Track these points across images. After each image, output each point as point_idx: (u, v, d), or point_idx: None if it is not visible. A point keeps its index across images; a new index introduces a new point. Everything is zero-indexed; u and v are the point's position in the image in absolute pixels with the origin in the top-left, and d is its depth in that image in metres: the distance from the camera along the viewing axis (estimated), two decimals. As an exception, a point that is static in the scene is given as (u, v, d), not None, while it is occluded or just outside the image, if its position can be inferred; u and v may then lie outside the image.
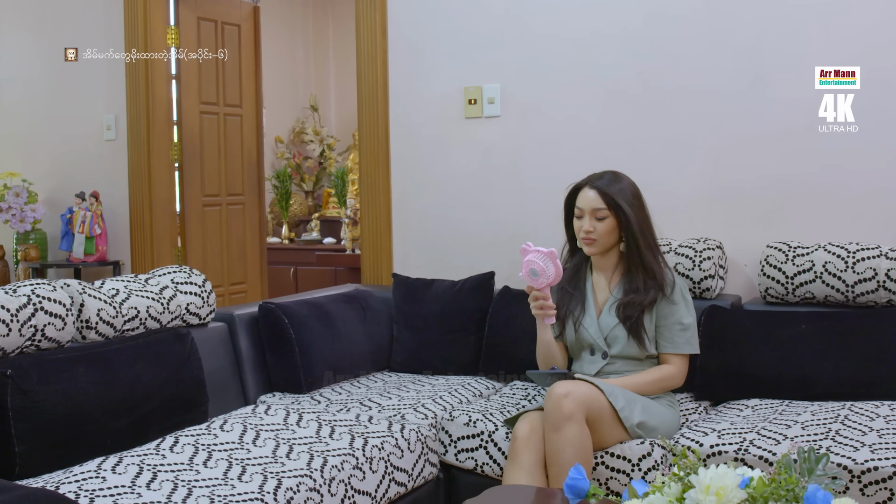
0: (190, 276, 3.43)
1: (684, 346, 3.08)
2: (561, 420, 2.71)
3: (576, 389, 2.78)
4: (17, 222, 5.53)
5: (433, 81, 4.40)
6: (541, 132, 4.15)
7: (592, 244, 3.08)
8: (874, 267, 3.32)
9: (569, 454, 2.68)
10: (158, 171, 5.47)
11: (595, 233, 3.06)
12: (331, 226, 7.72)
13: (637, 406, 2.90)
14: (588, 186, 3.09)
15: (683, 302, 3.09)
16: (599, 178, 3.10)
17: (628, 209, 3.04)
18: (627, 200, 3.05)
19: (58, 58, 5.61)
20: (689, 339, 3.09)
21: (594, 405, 2.80)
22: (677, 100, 3.86)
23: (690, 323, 3.09)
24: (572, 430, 2.71)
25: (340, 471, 2.66)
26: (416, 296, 3.96)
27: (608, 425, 2.84)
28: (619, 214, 3.04)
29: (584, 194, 3.09)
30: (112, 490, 2.35)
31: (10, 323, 2.69)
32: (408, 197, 4.51)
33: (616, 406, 2.83)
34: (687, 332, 3.09)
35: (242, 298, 6.11)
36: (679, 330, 3.07)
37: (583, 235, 3.09)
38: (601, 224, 3.05)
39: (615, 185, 3.07)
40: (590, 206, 3.07)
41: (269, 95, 7.44)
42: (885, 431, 2.81)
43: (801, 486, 1.65)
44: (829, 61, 3.58)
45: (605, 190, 3.05)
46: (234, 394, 3.51)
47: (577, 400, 2.75)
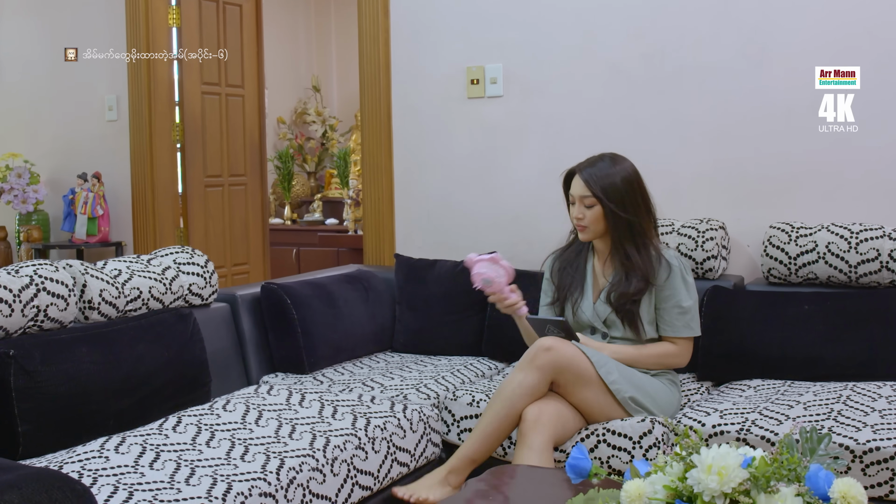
0: (192, 257, 3.43)
1: (683, 329, 3.06)
2: (529, 367, 2.85)
3: (559, 349, 2.85)
4: (20, 203, 5.53)
5: (435, 61, 4.38)
6: (543, 112, 4.14)
7: (584, 230, 3.08)
8: (877, 247, 3.31)
9: (517, 395, 2.83)
10: (160, 151, 5.46)
11: (585, 220, 3.05)
12: (333, 207, 7.71)
13: (631, 381, 2.93)
14: (578, 173, 3.07)
15: (684, 285, 3.06)
16: (591, 164, 3.06)
17: (613, 201, 2.99)
18: (616, 190, 3.00)
19: (59, 39, 5.60)
20: (689, 322, 3.07)
21: (574, 369, 2.85)
22: (680, 79, 3.85)
23: (690, 306, 3.07)
24: (531, 378, 2.84)
25: (343, 451, 2.66)
26: (419, 276, 3.96)
27: (594, 392, 2.88)
28: (604, 205, 3.01)
29: (575, 181, 3.08)
30: (115, 470, 2.36)
31: (13, 303, 2.69)
32: (410, 177, 4.50)
33: (607, 379, 2.87)
34: (686, 316, 3.06)
35: (245, 279, 6.12)
36: (678, 314, 3.06)
37: (575, 222, 3.10)
38: (590, 211, 3.03)
39: (607, 171, 3.02)
40: (578, 193, 3.05)
41: (271, 76, 7.42)
42: (887, 412, 2.81)
43: (802, 466, 1.65)
44: (830, 56, 3.58)
45: (593, 179, 3.02)
46: (236, 374, 3.52)
47: (553, 359, 2.84)
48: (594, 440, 2.88)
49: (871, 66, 3.55)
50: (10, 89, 5.92)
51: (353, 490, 2.66)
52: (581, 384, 2.87)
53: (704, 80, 3.80)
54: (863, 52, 3.55)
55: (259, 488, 2.34)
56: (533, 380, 2.84)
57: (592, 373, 2.86)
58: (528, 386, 2.83)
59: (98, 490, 2.21)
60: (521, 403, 2.83)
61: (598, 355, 2.91)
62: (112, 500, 2.16)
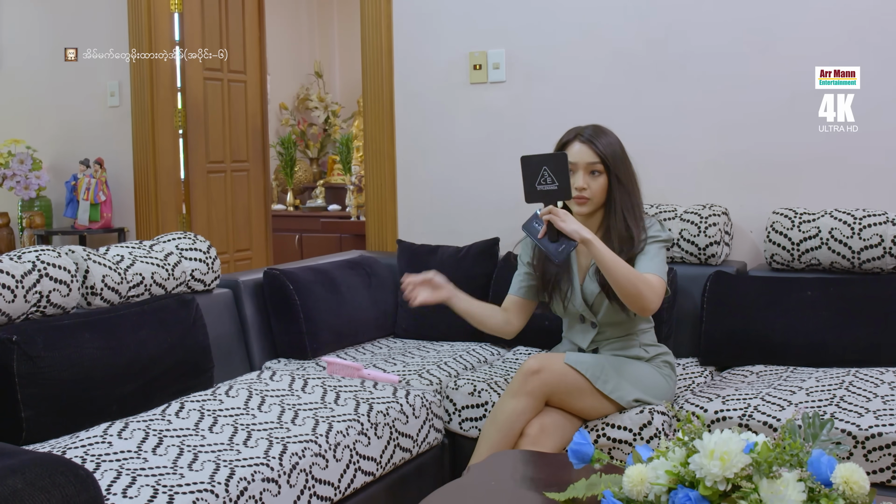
0: (194, 243, 3.43)
1: (647, 267, 2.81)
2: (520, 394, 2.78)
3: (548, 369, 2.79)
4: (22, 189, 5.53)
5: (438, 47, 4.37)
6: (546, 97, 4.13)
7: (585, 203, 2.89)
8: (881, 233, 3.31)
9: (512, 420, 2.76)
10: (162, 137, 5.46)
11: (588, 190, 2.86)
12: (335, 193, 7.71)
13: (629, 378, 2.87)
14: (579, 140, 2.89)
15: (647, 255, 2.85)
16: (587, 129, 2.91)
17: (618, 169, 2.88)
18: (618, 155, 2.89)
19: (61, 27, 5.59)
20: (657, 263, 2.83)
21: (565, 386, 2.80)
22: (684, 65, 3.84)
23: (652, 249, 2.84)
24: (523, 404, 2.77)
25: (346, 436, 2.67)
26: (421, 262, 3.95)
27: (591, 400, 2.83)
28: (609, 173, 2.87)
29: (576, 147, 2.89)
30: (118, 455, 2.37)
31: (16, 289, 2.69)
32: (413, 163, 4.49)
33: (604, 389, 2.81)
34: (654, 260, 2.83)
35: (247, 265, 6.12)
36: (643, 258, 2.84)
37: (575, 194, 2.85)
38: (596, 182, 2.88)
39: (604, 138, 2.90)
40: (584, 159, 2.86)
41: (274, 62, 7.41)
42: (890, 398, 2.81)
43: (805, 452, 1.65)
44: (833, 44, 3.56)
45: (600, 144, 2.87)
46: (239, 360, 3.52)
47: (544, 382, 2.78)
48: (594, 435, 2.87)
49: (871, 66, 3.53)
50: (13, 75, 5.90)
51: (355, 475, 2.67)
52: (576, 396, 2.82)
53: (709, 65, 3.79)
54: (865, 45, 3.54)
55: (262, 474, 2.34)
56: (525, 405, 2.77)
57: (586, 384, 2.81)
58: (521, 411, 2.77)
59: (101, 475, 2.21)
60: (517, 428, 2.77)
61: (591, 367, 2.82)
62: (115, 486, 2.16)
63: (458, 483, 2.19)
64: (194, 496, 2.17)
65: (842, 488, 1.57)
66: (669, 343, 3.32)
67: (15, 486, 1.73)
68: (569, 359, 2.84)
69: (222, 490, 2.23)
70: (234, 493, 2.25)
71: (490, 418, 2.83)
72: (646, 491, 1.71)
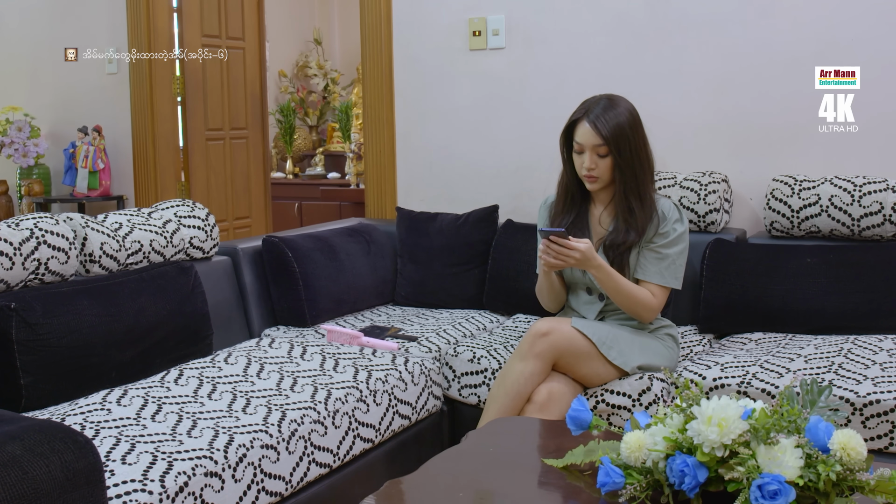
0: (193, 210, 3.42)
1: (655, 275, 2.92)
2: (529, 355, 2.79)
3: (556, 332, 2.80)
4: (20, 157, 5.51)
5: (437, 12, 4.34)
6: (546, 63, 4.10)
7: (594, 181, 2.93)
8: (880, 201, 3.30)
9: (521, 384, 2.78)
10: (161, 104, 5.43)
11: (597, 170, 2.90)
12: (335, 160, 7.68)
13: (634, 349, 2.89)
14: (586, 120, 2.89)
15: (666, 235, 2.93)
16: (597, 106, 2.91)
17: (623, 151, 2.87)
18: (625, 138, 2.87)
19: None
20: (663, 270, 2.93)
21: (573, 350, 2.82)
22: (684, 29, 3.81)
23: (669, 254, 2.93)
24: (531, 367, 2.79)
25: (344, 403, 2.67)
26: (420, 229, 3.95)
27: (596, 365, 2.85)
28: (614, 156, 2.88)
29: (583, 129, 2.90)
30: (117, 422, 2.37)
31: (14, 256, 2.69)
32: (412, 130, 4.47)
33: (609, 356, 2.83)
34: (661, 263, 2.93)
35: (247, 233, 6.11)
36: (654, 258, 2.93)
37: (584, 173, 2.92)
38: (603, 161, 2.89)
39: (612, 114, 2.88)
40: (590, 142, 2.88)
41: (273, 29, 7.36)
42: (888, 365, 2.82)
43: (802, 418, 1.65)
44: (835, 9, 3.54)
45: (604, 125, 2.86)
46: (238, 327, 3.53)
47: (552, 344, 2.79)
48: (592, 401, 2.88)
49: (871, 65, 3.52)
50: (10, 42, 5.86)
51: (354, 442, 2.68)
52: (583, 361, 2.84)
53: (709, 30, 3.76)
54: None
55: (261, 440, 2.35)
56: (534, 367, 2.79)
57: (593, 349, 2.83)
58: (529, 374, 2.79)
59: (100, 442, 2.22)
60: (525, 391, 2.79)
61: (598, 332, 2.85)
62: (114, 452, 2.17)
63: (456, 449, 2.19)
64: (193, 462, 2.18)
65: (839, 454, 1.58)
66: (669, 311, 3.31)
67: (14, 453, 1.74)
68: (576, 323, 2.86)
69: (221, 456, 2.24)
70: (233, 460, 2.26)
71: (497, 381, 2.85)
72: (644, 457, 1.71)
